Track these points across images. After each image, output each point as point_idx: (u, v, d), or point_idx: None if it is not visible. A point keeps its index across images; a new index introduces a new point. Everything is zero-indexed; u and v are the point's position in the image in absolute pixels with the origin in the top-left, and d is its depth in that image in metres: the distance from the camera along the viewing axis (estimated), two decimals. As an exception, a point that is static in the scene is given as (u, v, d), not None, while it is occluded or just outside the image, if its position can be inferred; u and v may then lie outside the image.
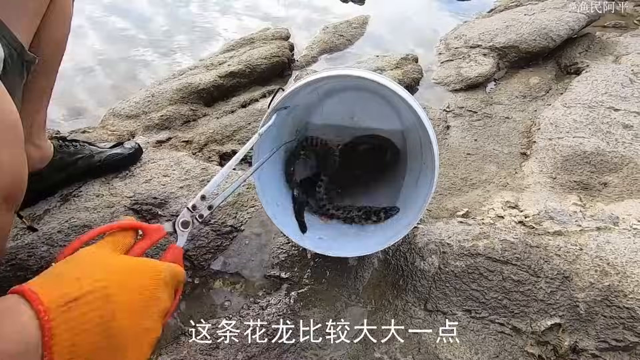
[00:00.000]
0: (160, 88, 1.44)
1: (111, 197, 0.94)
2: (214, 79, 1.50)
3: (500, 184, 1.16)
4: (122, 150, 1.02)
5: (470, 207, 1.07)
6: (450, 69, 1.69)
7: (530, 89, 1.60)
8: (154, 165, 1.06)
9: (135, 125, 1.33)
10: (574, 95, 1.43)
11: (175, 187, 1.00)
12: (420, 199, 0.71)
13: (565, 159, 1.17)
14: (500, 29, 1.78)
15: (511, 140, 1.35)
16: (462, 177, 1.20)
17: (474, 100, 1.54)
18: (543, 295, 0.75)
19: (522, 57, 1.71)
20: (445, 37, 1.94)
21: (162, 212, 0.93)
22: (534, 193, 1.08)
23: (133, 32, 1.98)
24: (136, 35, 1.96)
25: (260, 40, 1.85)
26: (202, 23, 2.10)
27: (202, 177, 1.04)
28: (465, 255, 0.81)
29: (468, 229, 0.90)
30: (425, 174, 0.75)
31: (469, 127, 1.43)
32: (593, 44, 1.78)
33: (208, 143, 1.29)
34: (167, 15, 2.15)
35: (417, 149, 0.84)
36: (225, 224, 0.94)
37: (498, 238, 0.84)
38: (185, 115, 1.37)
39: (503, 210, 1.02)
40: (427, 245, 0.86)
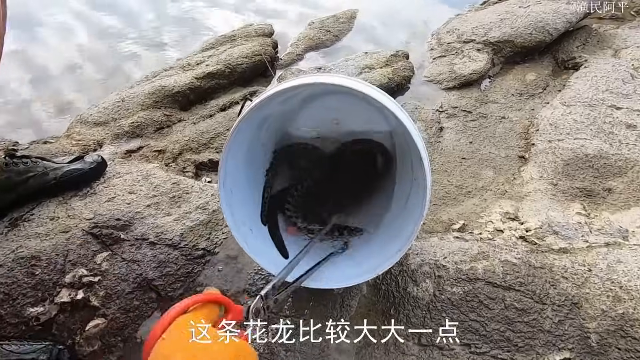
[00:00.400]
0: (131, 92, 1.34)
1: (68, 219, 0.84)
2: (190, 81, 1.39)
3: (498, 192, 1.08)
4: (82, 165, 0.92)
5: (467, 218, 0.99)
6: (442, 65, 1.60)
7: (527, 85, 1.51)
8: (119, 180, 0.96)
9: (103, 134, 1.22)
10: (573, 92, 1.35)
11: (142, 205, 0.90)
12: (410, 223, 0.62)
13: (567, 163, 1.10)
14: (495, 23, 1.69)
15: (508, 143, 1.27)
16: (457, 185, 1.12)
17: (469, 99, 1.45)
18: (550, 326, 0.67)
19: (517, 52, 1.62)
20: (437, 31, 1.85)
21: (126, 236, 0.83)
22: (535, 202, 1.01)
23: (121, 27, 1.85)
24: (124, 30, 1.84)
25: (242, 38, 1.74)
26: (192, 15, 1.98)
27: (173, 193, 0.94)
28: (463, 280, 0.73)
29: (465, 247, 0.81)
30: (416, 193, 0.66)
31: (463, 129, 1.34)
32: (590, 37, 1.70)
33: (183, 152, 1.19)
34: (156, 10, 2.03)
35: (407, 155, 0.75)
36: (197, 246, 0.84)
37: (499, 259, 0.76)
38: (158, 121, 1.27)
39: (502, 222, 0.94)
40: (421, 267, 0.78)
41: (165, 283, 0.78)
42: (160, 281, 0.78)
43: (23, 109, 1.44)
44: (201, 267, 0.82)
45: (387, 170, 0.88)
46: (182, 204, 0.93)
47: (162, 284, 0.78)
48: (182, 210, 0.91)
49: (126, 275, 0.77)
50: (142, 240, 0.83)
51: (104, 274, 0.76)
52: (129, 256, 0.80)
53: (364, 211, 0.84)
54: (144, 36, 1.83)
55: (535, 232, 0.87)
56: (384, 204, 0.83)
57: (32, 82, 1.56)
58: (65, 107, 1.47)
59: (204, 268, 0.82)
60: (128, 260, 0.79)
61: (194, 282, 0.80)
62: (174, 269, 0.80)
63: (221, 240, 0.87)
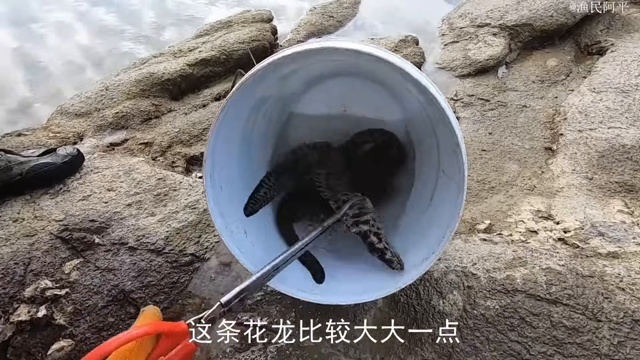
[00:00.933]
0: (116, 79, 1.22)
1: (34, 221, 0.73)
2: (181, 68, 1.27)
3: (525, 187, 0.96)
4: (53, 159, 0.81)
5: (493, 217, 0.87)
6: (455, 51, 1.48)
7: (548, 72, 1.39)
8: (97, 176, 0.85)
9: (84, 125, 1.11)
10: (602, 78, 1.22)
11: (122, 204, 0.78)
12: (441, 225, 0.51)
13: (602, 155, 0.98)
14: (511, 5, 1.56)
15: (532, 133, 1.15)
16: (479, 180, 1.00)
17: (485, 87, 1.33)
18: (608, 348, 0.55)
19: (536, 37, 1.50)
20: (448, 16, 1.72)
21: (101, 240, 0.72)
22: (569, 198, 0.89)
23: (120, 25, 1.73)
24: (122, 27, 1.72)
25: (239, 24, 1.62)
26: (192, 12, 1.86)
27: (158, 190, 0.83)
28: (499, 291, 0.61)
29: (497, 251, 0.70)
30: (445, 188, 0.54)
31: (481, 119, 1.22)
32: (614, 21, 1.57)
33: (172, 145, 1.07)
34: (155, 5, 1.90)
35: (428, 146, 0.64)
36: (185, 251, 0.73)
37: (539, 265, 0.65)
38: (145, 111, 1.15)
39: (535, 222, 0.82)
40: (446, 276, 0.66)
41: (146, 295, 0.67)
42: (140, 293, 0.67)
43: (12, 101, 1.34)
44: (189, 275, 0.70)
45: (402, 166, 0.76)
46: (168, 203, 0.81)
47: (143, 296, 0.67)
48: (168, 209, 0.79)
49: (99, 287, 0.65)
50: (120, 245, 0.71)
51: (73, 286, 0.65)
52: (103, 264, 0.68)
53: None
54: (142, 34, 1.70)
55: (575, 234, 0.75)
56: (397, 205, 0.72)
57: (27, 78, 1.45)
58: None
59: (193, 277, 0.70)
60: (102, 268, 0.68)
61: (180, 293, 0.68)
62: (156, 279, 0.68)
63: (213, 244, 0.75)
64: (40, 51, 1.56)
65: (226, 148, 0.54)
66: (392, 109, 0.75)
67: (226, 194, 0.56)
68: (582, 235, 0.74)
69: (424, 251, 0.53)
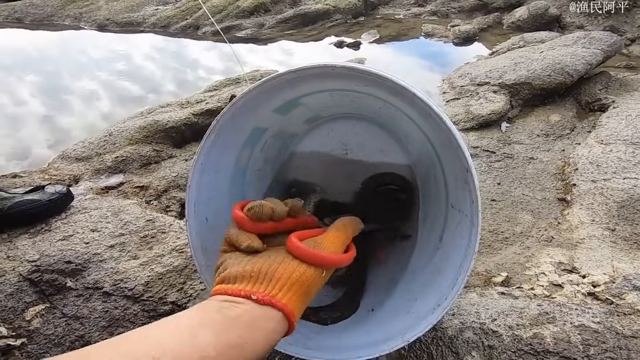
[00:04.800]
0: (121, 126, 1.23)
1: (5, 261, 0.67)
2: (186, 117, 1.29)
3: (542, 238, 0.89)
4: (39, 196, 0.77)
5: (510, 270, 0.79)
6: (457, 107, 1.50)
7: (552, 127, 1.39)
8: (84, 216, 0.80)
9: (83, 169, 1.09)
10: (609, 131, 1.21)
11: (104, 245, 0.72)
12: (453, 267, 0.44)
13: (621, 206, 0.91)
14: (509, 66, 1.62)
15: (543, 184, 1.10)
16: (491, 230, 0.93)
17: (490, 140, 1.32)
18: None
19: (536, 95, 1.53)
20: (449, 76, 1.79)
21: (74, 284, 0.65)
22: (592, 250, 0.81)
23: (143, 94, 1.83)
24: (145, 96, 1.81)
25: (247, 81, 1.69)
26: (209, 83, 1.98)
27: (145, 232, 0.77)
28: (527, 352, 0.52)
29: (519, 305, 0.61)
30: (456, 224, 0.49)
31: (487, 169, 1.19)
32: (611, 82, 1.62)
33: (169, 189, 1.04)
34: (176, 77, 2.03)
35: (433, 181, 0.59)
36: (165, 299, 0.65)
37: (570, 322, 0.55)
38: (145, 156, 1.14)
39: (558, 275, 0.74)
40: (462, 334, 0.57)
41: (114, 350, 0.58)
42: (108, 347, 0.57)
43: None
44: (166, 327, 0.62)
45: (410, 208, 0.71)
46: (154, 245, 0.75)
47: (110, 350, 0.57)
48: (153, 252, 0.73)
49: (61, 338, 0.57)
50: (94, 290, 0.64)
51: (32, 335, 0.57)
52: (71, 310, 0.60)
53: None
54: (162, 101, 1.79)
55: (607, 288, 0.66)
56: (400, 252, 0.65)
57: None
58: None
59: (170, 329, 0.62)
60: (69, 316, 0.60)
61: (153, 348, 0.59)
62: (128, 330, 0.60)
63: (197, 291, 0.67)
64: (65, 116, 1.62)
65: (215, 173, 0.50)
66: (395, 152, 0.72)
67: (213, 225, 0.50)
68: (614, 289, 0.65)
69: (436, 297, 0.45)
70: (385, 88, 0.45)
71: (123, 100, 1.77)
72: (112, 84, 1.92)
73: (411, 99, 0.41)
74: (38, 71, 2.08)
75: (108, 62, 2.18)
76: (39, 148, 1.41)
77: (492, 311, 0.60)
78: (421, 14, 2.80)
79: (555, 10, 2.37)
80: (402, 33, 2.46)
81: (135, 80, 1.97)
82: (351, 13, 2.74)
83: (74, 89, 1.87)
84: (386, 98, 0.52)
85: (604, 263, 0.76)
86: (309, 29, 2.61)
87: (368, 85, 0.48)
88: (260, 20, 2.66)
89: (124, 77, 2.00)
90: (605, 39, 1.66)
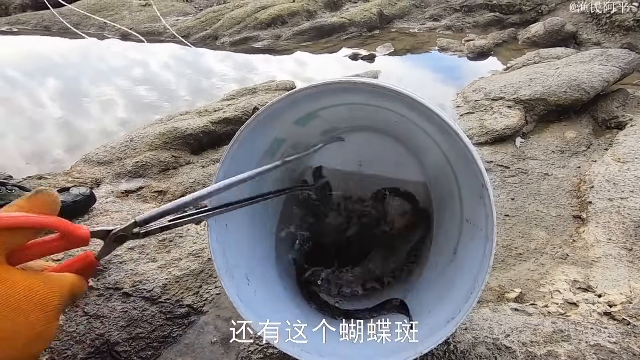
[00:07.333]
0: (142, 132, 1.27)
1: (31, 259, 0.69)
2: (204, 125, 1.32)
3: (557, 256, 0.88)
4: (64, 198, 0.80)
5: (523, 286, 0.78)
6: (471, 121, 1.51)
7: (568, 143, 1.38)
8: (105, 218, 0.83)
9: (104, 172, 1.13)
10: (626, 149, 1.20)
11: (124, 247, 0.75)
12: (468, 280, 0.44)
13: (638, 225, 0.90)
14: (524, 82, 1.63)
15: (557, 201, 1.09)
16: (505, 245, 0.93)
17: (504, 155, 1.32)
18: None
19: (551, 110, 1.52)
20: (462, 90, 1.80)
21: (95, 283, 0.67)
22: (608, 269, 0.80)
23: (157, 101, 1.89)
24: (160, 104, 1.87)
25: (264, 91, 1.73)
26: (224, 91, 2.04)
27: (163, 236, 0.79)
28: (540, 370, 0.52)
29: (533, 322, 0.61)
30: (470, 238, 0.49)
31: (501, 184, 1.19)
32: (629, 99, 1.60)
33: (186, 194, 1.05)
34: (190, 85, 2.09)
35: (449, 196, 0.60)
36: (181, 302, 0.66)
37: (586, 341, 0.55)
38: (164, 162, 1.17)
39: (573, 293, 0.73)
40: (475, 348, 0.57)
41: (132, 349, 0.59)
42: (126, 346, 0.59)
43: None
44: (182, 330, 0.63)
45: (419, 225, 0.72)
46: (172, 249, 0.77)
47: (128, 350, 0.59)
48: (171, 256, 0.75)
49: (83, 335, 0.59)
50: (114, 290, 0.66)
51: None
52: (92, 309, 0.62)
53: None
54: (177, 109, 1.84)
55: (623, 308, 0.65)
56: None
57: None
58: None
59: (186, 331, 0.63)
60: (90, 314, 0.62)
61: (170, 349, 0.61)
62: (146, 331, 0.61)
63: (213, 296, 0.69)
64: (82, 121, 1.68)
65: (237, 186, 0.52)
66: (411, 168, 0.73)
67: (232, 233, 0.52)
68: (631, 310, 0.65)
69: (449, 310, 0.46)
70: (402, 102, 0.46)
71: (138, 108, 1.82)
72: (128, 91, 1.98)
73: (428, 115, 0.43)
74: (59, 76, 2.15)
75: (126, 70, 2.25)
76: (57, 150, 1.46)
77: (505, 327, 0.60)
78: (436, 28, 2.83)
79: (571, 27, 2.37)
80: (417, 47, 2.49)
81: (152, 88, 2.03)
82: (366, 26, 2.78)
83: (92, 95, 1.93)
84: (402, 112, 0.54)
85: (620, 283, 0.75)
86: (325, 41, 2.65)
87: (386, 100, 0.50)
88: (277, 32, 2.72)
89: (140, 84, 2.06)
90: (623, 56, 1.65)
